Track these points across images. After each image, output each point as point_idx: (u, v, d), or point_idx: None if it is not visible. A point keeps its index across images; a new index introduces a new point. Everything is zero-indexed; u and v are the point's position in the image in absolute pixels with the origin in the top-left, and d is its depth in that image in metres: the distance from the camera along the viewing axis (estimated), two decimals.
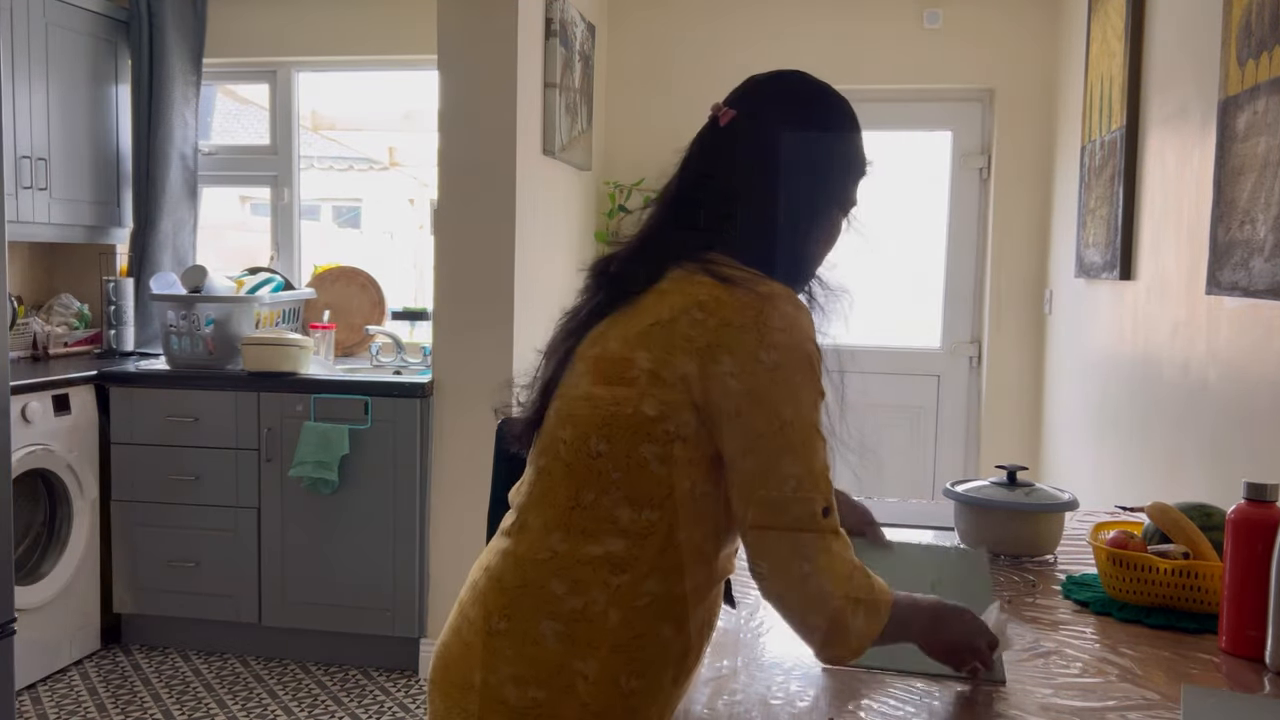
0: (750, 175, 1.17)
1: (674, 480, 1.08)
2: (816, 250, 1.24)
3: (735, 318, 1.06)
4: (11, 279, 4.07)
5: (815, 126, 1.20)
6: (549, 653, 1.08)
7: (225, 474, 3.53)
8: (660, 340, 1.07)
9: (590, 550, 1.09)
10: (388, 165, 4.88)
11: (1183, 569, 1.52)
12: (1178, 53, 2.58)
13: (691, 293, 1.09)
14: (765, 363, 1.05)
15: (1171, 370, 2.51)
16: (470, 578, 1.21)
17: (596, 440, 1.09)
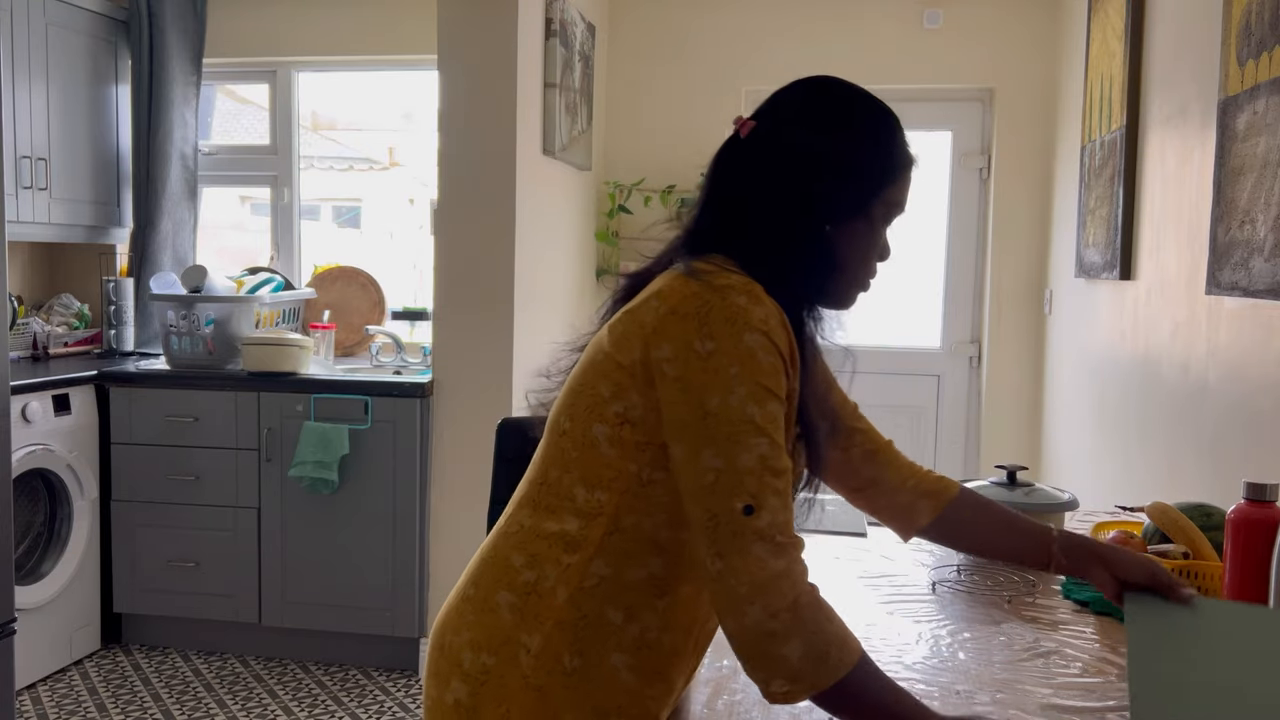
0: (766, 182, 1.14)
1: (622, 463, 1.09)
2: (849, 264, 1.19)
3: (681, 306, 1.06)
4: (11, 279, 4.08)
5: (840, 136, 1.16)
6: (501, 622, 1.11)
7: (225, 474, 3.53)
8: (622, 326, 1.10)
9: (549, 526, 1.12)
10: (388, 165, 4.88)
11: (1183, 569, 1.52)
12: (1178, 53, 2.58)
13: (658, 284, 1.11)
14: (699, 351, 1.03)
15: (1171, 370, 2.51)
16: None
17: (564, 418, 1.13)
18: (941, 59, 4.09)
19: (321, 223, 4.83)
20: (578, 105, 3.84)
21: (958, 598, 1.61)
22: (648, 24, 4.27)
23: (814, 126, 1.16)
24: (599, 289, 4.29)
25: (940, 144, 4.24)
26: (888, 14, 4.11)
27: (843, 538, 1.93)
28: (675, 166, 4.20)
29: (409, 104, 4.55)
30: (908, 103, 4.25)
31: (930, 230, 4.26)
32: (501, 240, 3.32)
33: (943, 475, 1.43)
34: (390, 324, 4.11)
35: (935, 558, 1.83)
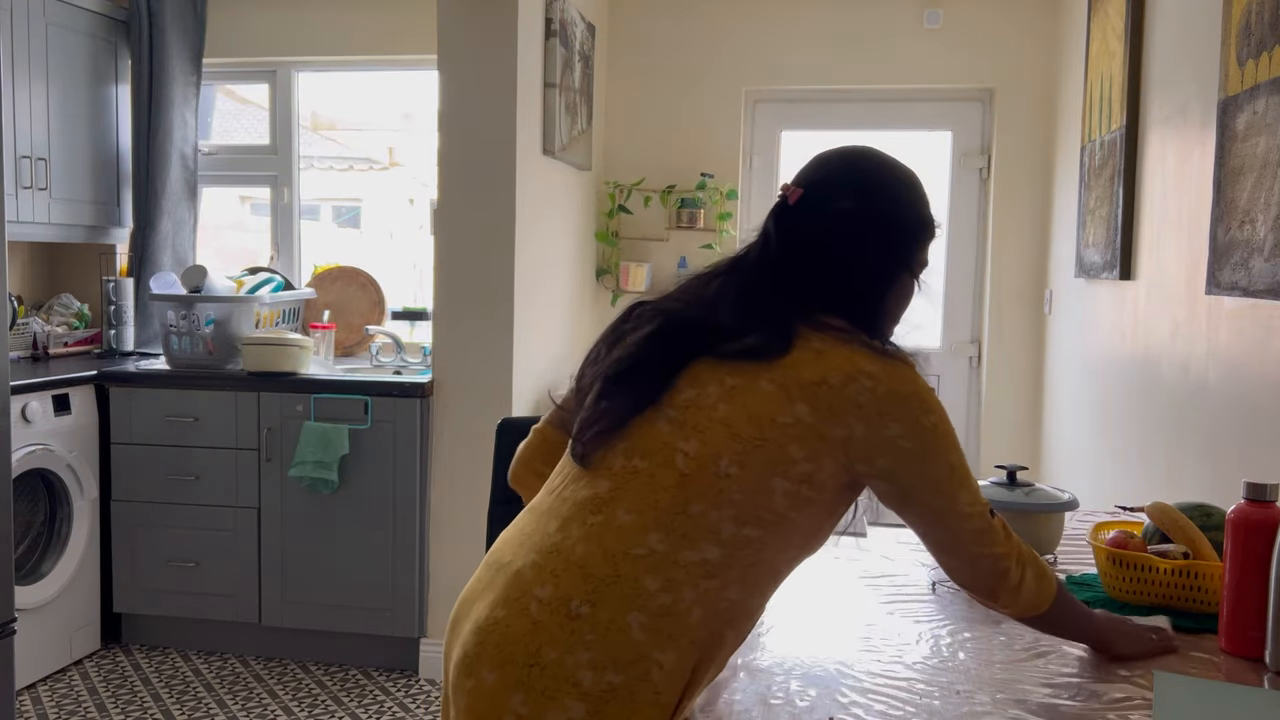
0: (830, 251, 1.30)
1: (786, 510, 1.19)
2: (895, 313, 1.36)
3: (899, 387, 1.20)
4: (11, 279, 4.08)
5: (884, 202, 1.33)
6: (632, 640, 1.12)
7: (225, 474, 3.53)
8: (827, 400, 1.18)
9: (688, 555, 1.16)
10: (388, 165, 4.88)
11: (1183, 569, 1.52)
12: (1178, 53, 2.58)
13: (854, 360, 1.20)
14: (926, 425, 1.21)
15: (1171, 370, 2.51)
16: (519, 558, 1.21)
17: (728, 463, 1.17)
18: (941, 59, 4.09)
19: (321, 223, 4.83)
20: (578, 105, 3.84)
21: (958, 598, 1.61)
22: (648, 24, 4.27)
23: (867, 197, 1.33)
24: (599, 289, 4.29)
25: (940, 144, 4.24)
26: (888, 14, 4.11)
27: (843, 538, 1.93)
28: (675, 166, 4.20)
29: (409, 104, 4.55)
30: (908, 103, 4.25)
31: None
32: (501, 240, 3.32)
33: None
34: (390, 324, 4.12)
35: None
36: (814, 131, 4.36)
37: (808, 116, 4.35)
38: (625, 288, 4.20)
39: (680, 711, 1.16)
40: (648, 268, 4.24)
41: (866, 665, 1.34)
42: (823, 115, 4.34)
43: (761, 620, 1.49)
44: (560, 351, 3.81)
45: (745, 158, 4.32)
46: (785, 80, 4.23)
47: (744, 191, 4.32)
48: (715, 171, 4.17)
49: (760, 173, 4.35)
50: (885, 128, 4.29)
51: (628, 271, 4.18)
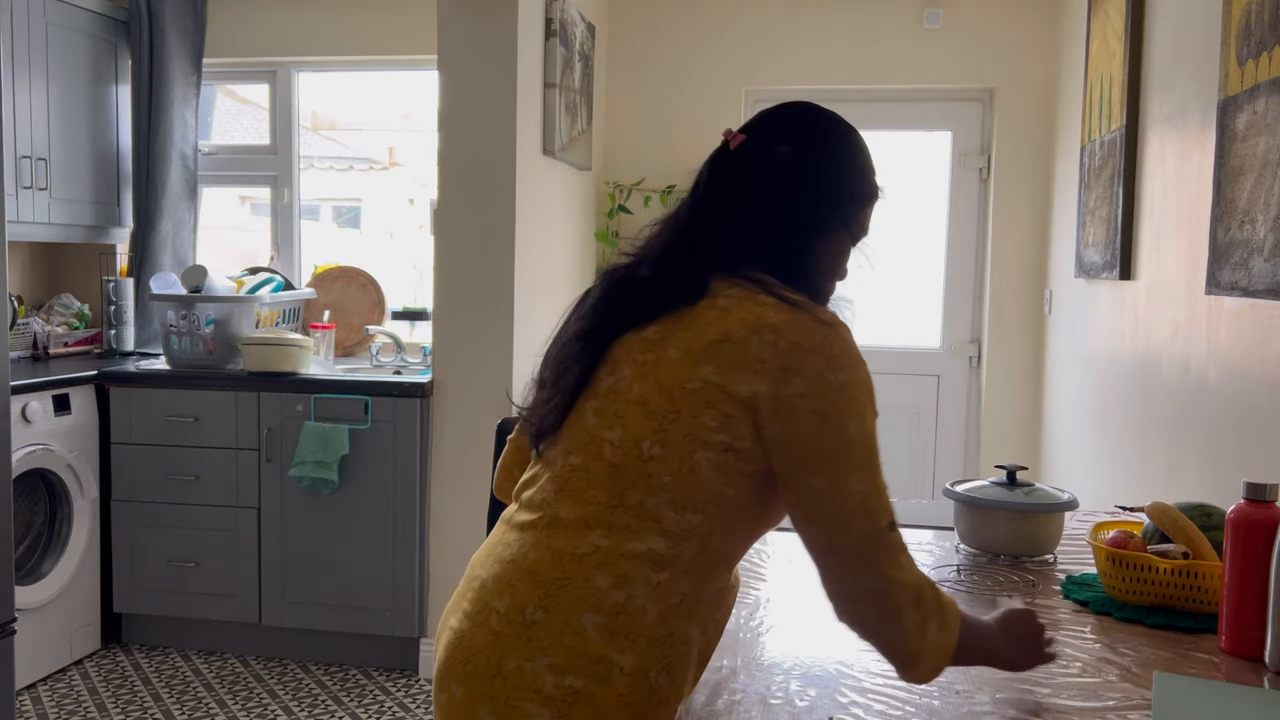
0: (762, 198, 1.24)
1: (721, 487, 1.12)
2: (826, 274, 1.29)
3: (805, 340, 1.11)
4: (11, 279, 4.08)
5: (824, 153, 1.27)
6: (589, 643, 1.10)
7: (225, 474, 3.53)
8: (730, 357, 1.11)
9: (634, 546, 1.12)
10: (388, 165, 4.88)
11: (1182, 569, 1.52)
12: (1177, 53, 2.58)
13: (759, 314, 1.13)
14: (833, 383, 1.11)
15: (1171, 370, 2.51)
16: (484, 570, 1.20)
17: (650, 444, 1.12)
18: (941, 59, 4.09)
19: (321, 223, 4.83)
20: (578, 105, 3.84)
21: (957, 597, 1.61)
22: (648, 24, 4.27)
23: (808, 147, 1.26)
24: None
25: (940, 144, 4.24)
26: (888, 14, 4.11)
27: None
28: (675, 166, 4.20)
29: (409, 104, 4.55)
30: (908, 103, 4.25)
31: (930, 230, 4.26)
32: (501, 240, 3.32)
33: None
34: (390, 324, 4.12)
35: (935, 557, 1.83)
36: None
37: None
38: None
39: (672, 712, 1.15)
40: None
41: (866, 665, 1.34)
42: None
43: (761, 620, 1.49)
44: None
45: None
46: (785, 80, 4.23)
47: None
48: None
49: None
50: (885, 128, 4.29)
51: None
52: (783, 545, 1.87)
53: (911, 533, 1.99)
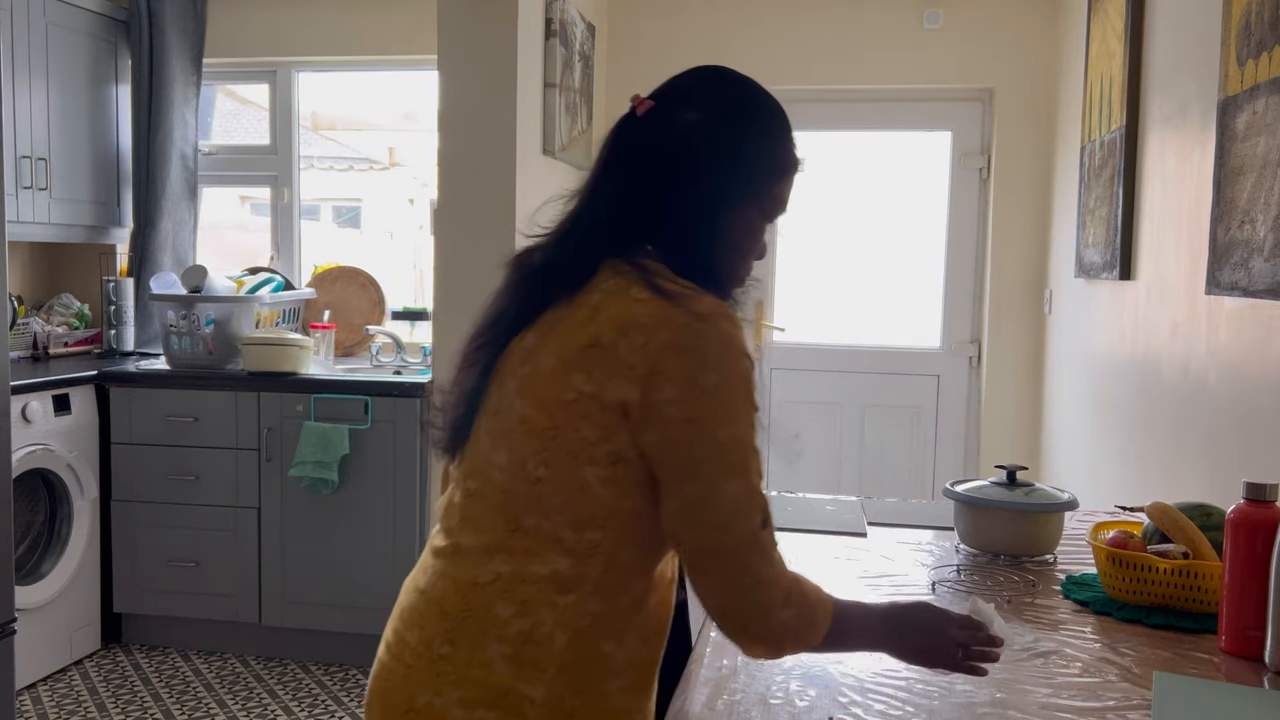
0: (665, 168, 1.16)
1: (617, 501, 1.08)
2: (737, 252, 1.21)
3: (675, 339, 1.05)
4: (11, 279, 4.08)
5: (734, 121, 1.18)
6: (497, 676, 1.08)
7: (225, 474, 3.53)
8: (600, 364, 1.06)
9: (535, 570, 1.09)
10: (388, 165, 4.88)
11: (1182, 569, 1.52)
12: (1177, 53, 2.58)
13: (629, 312, 1.07)
14: (703, 386, 1.05)
15: (1171, 370, 2.51)
16: (403, 599, 1.19)
17: (535, 465, 1.08)
18: (941, 59, 4.09)
19: (321, 223, 4.83)
20: (578, 105, 3.84)
21: (957, 597, 1.61)
22: (648, 24, 4.27)
23: (717, 115, 1.18)
24: None
25: (940, 144, 4.25)
26: (887, 14, 4.11)
27: (843, 538, 1.93)
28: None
29: (409, 104, 4.55)
30: (908, 103, 4.25)
31: (930, 230, 4.26)
32: (501, 241, 3.32)
33: None
34: (390, 324, 4.12)
35: (935, 557, 1.83)
36: (814, 132, 4.36)
37: (808, 116, 4.35)
38: None
39: None
40: None
41: (866, 665, 1.34)
42: (823, 115, 4.34)
43: None
44: None
45: None
46: (785, 80, 4.23)
47: None
48: None
49: None
50: (885, 128, 4.29)
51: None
52: (783, 545, 1.87)
53: (911, 533, 1.99)
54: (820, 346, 4.37)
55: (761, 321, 4.39)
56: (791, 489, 4.10)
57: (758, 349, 4.41)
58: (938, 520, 2.07)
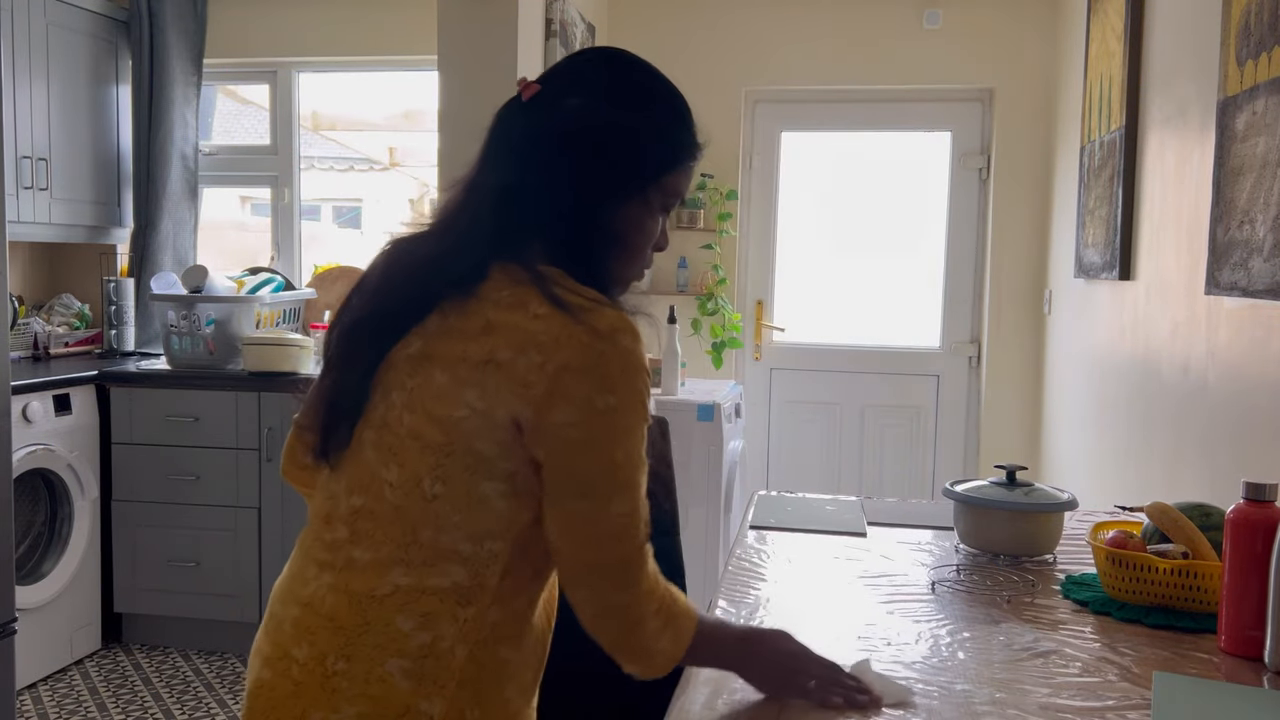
0: (550, 159, 1.10)
1: (516, 514, 1.07)
2: (630, 247, 1.16)
3: (575, 359, 1.02)
4: (12, 279, 4.08)
5: (623, 107, 1.13)
6: (396, 692, 1.05)
7: (226, 474, 3.53)
8: (494, 381, 1.03)
9: (436, 582, 1.06)
10: (388, 165, 4.89)
11: (1182, 569, 1.52)
12: (1177, 53, 2.59)
13: (527, 328, 1.03)
14: (601, 408, 1.03)
15: (1171, 370, 2.51)
16: (282, 610, 1.13)
17: (430, 482, 1.05)
18: (941, 59, 4.09)
19: (322, 223, 4.84)
20: None
21: (957, 597, 1.61)
22: (648, 24, 4.28)
23: (605, 100, 1.12)
24: None
25: (940, 144, 4.25)
26: (888, 14, 4.11)
27: (843, 538, 1.93)
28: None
29: (409, 104, 4.55)
30: (907, 103, 4.26)
31: (930, 230, 4.27)
32: None
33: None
34: None
35: (934, 557, 1.83)
36: (814, 132, 4.37)
37: (808, 117, 4.36)
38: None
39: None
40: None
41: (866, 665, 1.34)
42: (823, 115, 4.34)
43: (760, 621, 1.49)
44: None
45: (745, 158, 4.32)
46: (785, 80, 4.23)
47: (744, 192, 4.32)
48: (715, 172, 4.17)
49: (760, 173, 4.35)
50: (885, 128, 4.29)
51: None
52: (782, 545, 1.87)
53: (911, 533, 1.99)
54: (820, 346, 4.37)
55: (761, 321, 4.39)
56: (791, 489, 4.10)
57: (760, 348, 4.41)
58: (937, 520, 2.07)
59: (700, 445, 3.40)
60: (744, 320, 4.32)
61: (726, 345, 4.16)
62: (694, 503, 3.29)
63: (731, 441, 3.56)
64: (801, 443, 4.39)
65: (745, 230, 4.35)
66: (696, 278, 4.26)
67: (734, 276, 4.30)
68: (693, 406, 3.42)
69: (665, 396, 3.49)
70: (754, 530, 1.96)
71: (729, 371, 4.28)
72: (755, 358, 4.41)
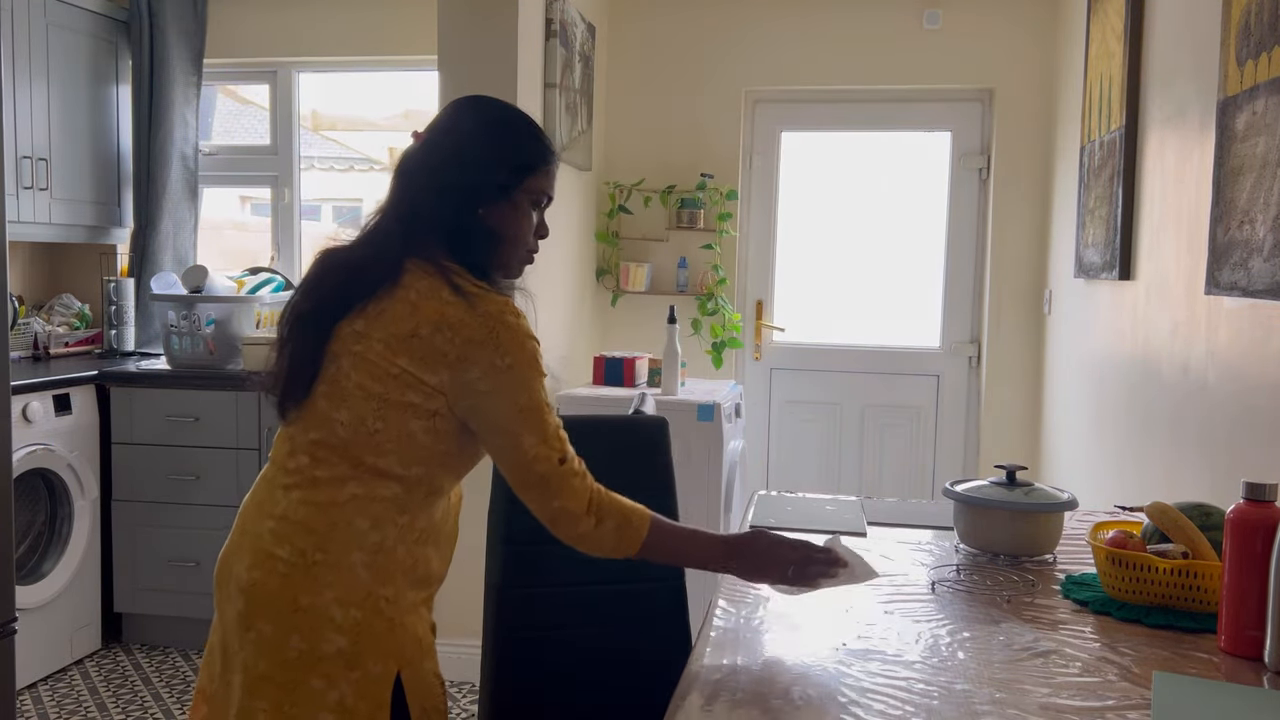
0: (432, 181, 1.47)
1: (434, 445, 1.42)
2: (505, 240, 1.50)
3: (475, 334, 1.38)
4: (12, 279, 4.08)
5: (475, 136, 1.50)
6: (360, 579, 1.39)
7: (226, 473, 3.53)
8: (419, 351, 1.38)
9: (381, 492, 1.41)
10: (388, 165, 4.89)
11: (1182, 569, 1.52)
12: (1177, 53, 2.59)
13: (441, 312, 1.38)
14: (500, 366, 1.38)
15: (1171, 370, 2.51)
16: (259, 527, 1.44)
17: (373, 420, 1.39)
18: (941, 59, 4.09)
19: (322, 223, 4.84)
20: (578, 105, 3.84)
21: (957, 597, 1.61)
22: (648, 24, 4.28)
23: (463, 133, 1.51)
24: (599, 289, 4.29)
25: (940, 144, 4.25)
26: (888, 14, 4.11)
27: (842, 537, 1.93)
28: (675, 166, 4.21)
29: (409, 104, 4.55)
30: (907, 103, 4.26)
31: (930, 230, 4.27)
32: None
33: None
34: None
35: (934, 557, 1.83)
36: (814, 132, 4.37)
37: (808, 116, 4.36)
38: (625, 288, 4.21)
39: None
40: (648, 268, 4.24)
41: (866, 665, 1.34)
42: (823, 115, 4.34)
43: (761, 619, 1.50)
44: (560, 351, 3.81)
45: (745, 158, 4.32)
46: (785, 80, 4.23)
47: (744, 192, 4.32)
48: (715, 172, 4.17)
49: (760, 173, 4.35)
50: (885, 128, 4.29)
51: (628, 271, 4.19)
52: None
53: (911, 532, 1.99)
54: (820, 346, 4.37)
55: (761, 321, 4.39)
56: (791, 489, 4.11)
57: (762, 345, 4.40)
58: (937, 520, 2.07)
59: (700, 445, 3.40)
60: (744, 320, 4.32)
61: (726, 345, 4.16)
62: (694, 503, 3.29)
63: (731, 441, 3.56)
64: (801, 443, 4.39)
65: (745, 230, 4.35)
66: (696, 278, 4.26)
67: (734, 276, 4.30)
68: (693, 406, 3.42)
69: (665, 396, 3.49)
70: (754, 530, 1.96)
71: (729, 371, 4.28)
72: (755, 358, 4.41)
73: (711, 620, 1.51)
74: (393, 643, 1.40)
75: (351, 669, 1.38)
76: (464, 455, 1.47)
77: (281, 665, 1.38)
